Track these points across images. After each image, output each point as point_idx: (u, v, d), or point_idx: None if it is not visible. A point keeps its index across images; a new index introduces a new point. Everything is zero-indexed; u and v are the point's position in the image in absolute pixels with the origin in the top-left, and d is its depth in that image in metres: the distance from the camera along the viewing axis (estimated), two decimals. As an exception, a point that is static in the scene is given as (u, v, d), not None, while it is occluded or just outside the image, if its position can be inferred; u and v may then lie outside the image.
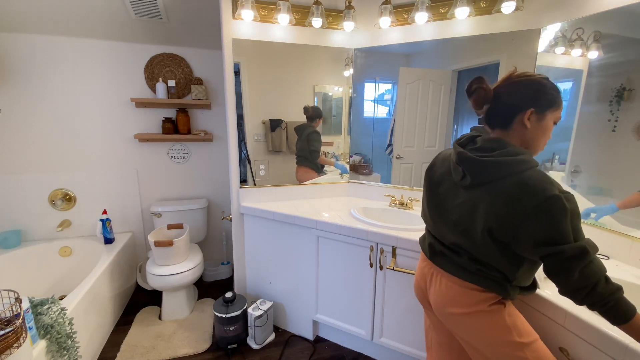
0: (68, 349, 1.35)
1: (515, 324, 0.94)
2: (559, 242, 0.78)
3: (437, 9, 1.72)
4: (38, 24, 2.01)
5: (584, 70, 1.37)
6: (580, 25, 1.36)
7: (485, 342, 0.96)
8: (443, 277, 1.02)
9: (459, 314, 0.98)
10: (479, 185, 0.90)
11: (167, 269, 2.00)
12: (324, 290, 1.82)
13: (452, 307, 0.99)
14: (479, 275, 0.94)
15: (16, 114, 2.16)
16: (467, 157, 0.92)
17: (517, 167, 0.85)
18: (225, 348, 1.86)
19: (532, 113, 0.89)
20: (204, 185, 2.71)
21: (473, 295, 0.95)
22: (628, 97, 1.22)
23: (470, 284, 0.95)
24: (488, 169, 0.88)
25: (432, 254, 1.07)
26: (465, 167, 0.93)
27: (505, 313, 0.94)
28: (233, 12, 1.78)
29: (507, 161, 0.86)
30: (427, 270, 1.10)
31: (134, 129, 2.43)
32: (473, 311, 0.95)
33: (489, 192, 0.88)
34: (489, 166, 0.88)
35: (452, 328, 1.04)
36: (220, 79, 2.51)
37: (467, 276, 0.96)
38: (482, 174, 0.89)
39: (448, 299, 1.00)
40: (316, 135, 2.11)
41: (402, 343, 1.62)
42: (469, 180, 0.92)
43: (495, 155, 0.88)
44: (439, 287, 1.03)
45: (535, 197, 0.79)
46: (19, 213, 2.25)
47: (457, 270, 0.98)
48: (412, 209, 1.87)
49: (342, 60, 2.04)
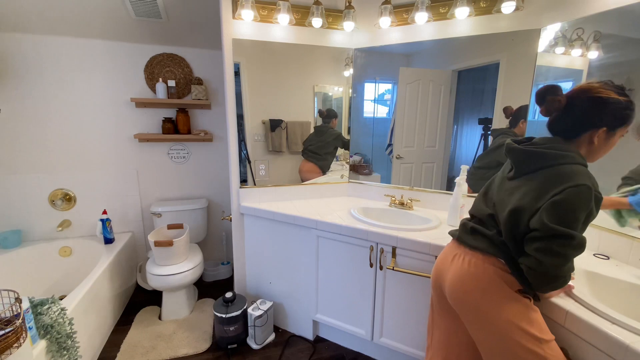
0: (68, 349, 1.35)
1: (538, 319, 0.94)
2: (571, 227, 0.81)
3: (437, 9, 1.72)
4: (38, 24, 2.01)
5: (584, 70, 1.37)
6: (580, 25, 1.36)
7: (502, 328, 0.94)
8: (467, 255, 1.03)
9: (480, 290, 0.97)
10: (523, 174, 0.94)
11: (167, 269, 2.00)
12: (324, 290, 1.82)
13: (473, 283, 0.98)
14: (502, 249, 0.96)
15: (16, 114, 2.16)
16: (514, 147, 0.97)
17: (561, 160, 0.88)
18: (225, 348, 1.86)
19: (603, 131, 0.89)
20: (204, 185, 2.71)
21: (498, 272, 0.96)
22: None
23: (496, 260, 0.97)
24: (532, 159, 0.92)
25: (463, 233, 1.09)
26: (512, 157, 0.98)
27: (531, 305, 0.95)
28: (233, 12, 1.78)
29: (552, 154, 0.89)
30: (449, 253, 1.11)
31: (134, 129, 2.43)
32: (497, 287, 0.95)
33: (530, 179, 0.91)
34: (533, 156, 0.92)
35: (465, 310, 1.02)
36: (220, 79, 2.51)
37: (493, 249, 0.97)
38: (526, 163, 0.94)
39: (470, 275, 0.99)
40: (344, 138, 2.16)
41: (402, 343, 1.62)
42: (514, 170, 0.97)
43: (542, 147, 0.91)
44: (461, 264, 1.03)
45: (570, 181, 0.83)
46: (19, 213, 2.25)
47: (485, 244, 1.00)
48: (412, 209, 1.87)
49: (342, 60, 2.04)
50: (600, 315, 0.90)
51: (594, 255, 1.29)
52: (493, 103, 1.69)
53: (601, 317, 0.89)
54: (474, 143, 1.78)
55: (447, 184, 1.89)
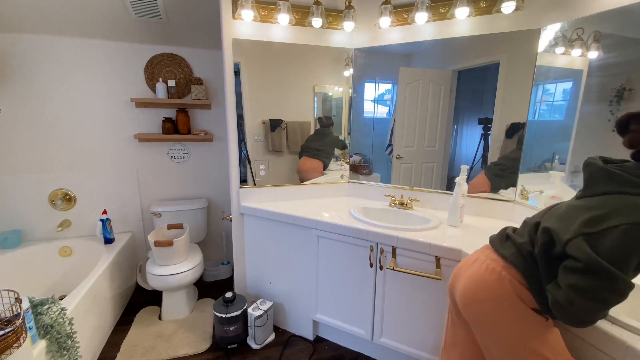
0: (68, 349, 1.35)
1: (552, 340, 0.87)
2: (619, 267, 0.72)
3: (437, 9, 1.72)
4: (38, 24, 2.01)
5: (584, 70, 1.37)
6: (580, 25, 1.36)
7: (511, 345, 0.89)
8: (487, 260, 0.97)
9: (491, 299, 0.91)
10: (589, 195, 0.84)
11: (167, 269, 2.00)
12: (324, 290, 1.82)
13: (485, 289, 0.92)
14: (528, 262, 0.88)
15: (16, 114, 2.16)
16: (591, 162, 0.87)
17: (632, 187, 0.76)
18: (225, 348, 1.86)
19: None
20: (204, 185, 2.71)
21: (513, 283, 0.89)
22: (628, 97, 1.22)
23: (514, 271, 0.89)
24: (603, 179, 0.81)
25: (497, 237, 1.02)
26: (585, 173, 0.88)
27: (544, 323, 0.88)
28: (233, 12, 1.78)
29: (629, 179, 0.77)
30: (472, 256, 1.04)
31: (134, 129, 2.43)
32: (510, 299, 0.88)
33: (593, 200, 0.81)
34: (606, 175, 0.81)
35: (475, 319, 0.96)
36: (220, 79, 2.51)
37: (515, 257, 0.90)
38: (596, 182, 0.83)
39: (483, 280, 0.93)
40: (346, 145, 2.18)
41: (402, 343, 1.62)
42: (583, 189, 0.87)
43: (622, 169, 0.80)
44: (477, 268, 0.97)
45: (634, 216, 0.72)
46: (19, 213, 2.25)
47: (510, 250, 0.93)
48: (412, 209, 1.87)
49: (342, 60, 2.04)
50: (600, 315, 0.90)
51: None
52: (493, 103, 1.69)
53: (601, 317, 0.89)
54: (474, 143, 1.78)
55: (447, 184, 1.89)
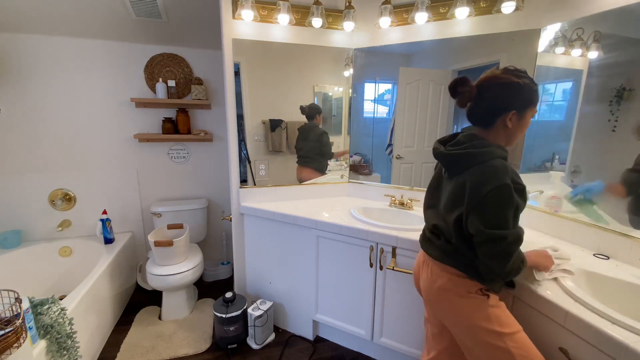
0: (68, 349, 1.35)
1: (497, 314, 0.98)
2: (503, 226, 0.88)
3: (437, 9, 1.72)
4: (38, 24, 2.01)
5: (584, 70, 1.37)
6: (580, 25, 1.36)
7: (465, 328, 1.01)
8: (430, 263, 1.10)
9: (441, 297, 1.05)
10: (454, 176, 0.99)
11: (167, 269, 2.00)
12: (324, 290, 1.82)
13: (435, 292, 1.06)
14: (454, 257, 1.02)
15: (16, 114, 2.16)
16: (439, 152, 1.03)
17: (481, 158, 0.93)
18: (225, 348, 1.86)
19: (513, 114, 0.95)
20: (204, 185, 2.71)
21: (453, 280, 1.02)
22: (628, 97, 1.22)
23: (450, 268, 1.02)
24: (457, 161, 0.98)
25: (422, 241, 1.17)
26: (441, 162, 1.05)
27: (487, 303, 0.99)
28: (233, 12, 1.78)
29: (473, 153, 0.95)
30: (420, 260, 1.19)
31: (134, 129, 2.43)
32: (453, 294, 1.02)
33: (460, 180, 0.96)
34: (457, 158, 0.97)
35: (438, 313, 1.10)
36: (220, 79, 2.51)
37: (445, 258, 1.04)
38: (453, 166, 1.00)
39: (432, 283, 1.07)
40: (327, 137, 2.14)
41: (402, 343, 1.62)
42: (447, 173, 1.03)
43: (462, 148, 0.97)
44: (427, 273, 1.11)
45: (490, 184, 0.88)
46: (19, 213, 2.25)
47: (438, 253, 1.06)
48: (412, 209, 1.87)
49: (342, 60, 2.04)
50: (600, 315, 0.90)
51: (594, 255, 1.29)
52: (493, 103, 1.68)
53: (601, 317, 0.89)
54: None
55: (447, 184, 1.88)
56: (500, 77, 0.95)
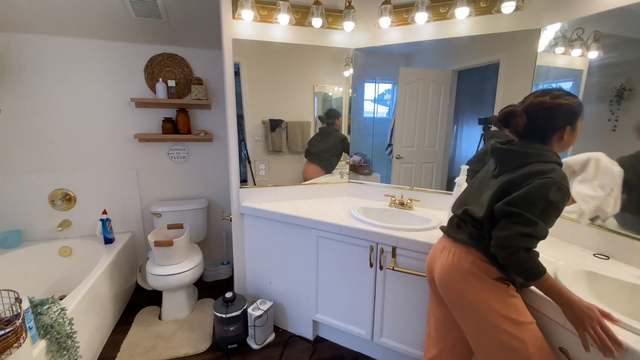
0: (68, 349, 1.35)
1: (515, 302, 1.00)
2: (522, 208, 0.91)
3: (437, 9, 1.72)
4: (38, 24, 2.01)
5: (584, 70, 1.37)
6: (580, 25, 1.36)
7: (481, 314, 1.02)
8: (452, 247, 1.11)
9: (463, 280, 1.05)
10: (505, 172, 1.02)
11: (167, 269, 2.00)
12: (324, 290, 1.82)
13: (455, 273, 1.07)
14: (480, 241, 1.04)
15: (16, 114, 2.16)
16: (497, 147, 1.06)
17: (539, 158, 0.97)
18: (225, 348, 1.86)
19: (567, 129, 1.01)
20: (204, 185, 2.71)
21: (476, 262, 1.04)
22: (628, 97, 1.22)
23: (475, 251, 1.04)
24: (513, 157, 1.02)
25: (450, 227, 1.18)
26: (496, 157, 1.08)
27: (507, 290, 1.01)
28: (233, 12, 1.78)
29: (531, 152, 0.99)
30: (438, 247, 1.19)
31: (134, 129, 2.43)
32: (476, 277, 1.03)
33: (509, 177, 0.99)
34: (514, 154, 1.01)
35: (454, 298, 1.09)
36: (220, 79, 2.51)
37: (471, 241, 1.06)
38: (507, 161, 1.03)
39: (453, 266, 1.08)
40: (348, 141, 2.16)
41: (402, 343, 1.62)
42: (498, 168, 1.06)
43: (524, 147, 1.01)
44: (447, 257, 1.11)
45: (536, 176, 0.92)
46: (19, 213, 2.25)
47: (465, 237, 1.08)
48: (412, 209, 1.87)
49: (342, 60, 2.04)
50: (600, 315, 0.90)
51: (594, 255, 1.29)
52: (493, 103, 1.69)
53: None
54: (474, 143, 1.78)
55: (447, 184, 1.88)
56: (547, 102, 0.99)
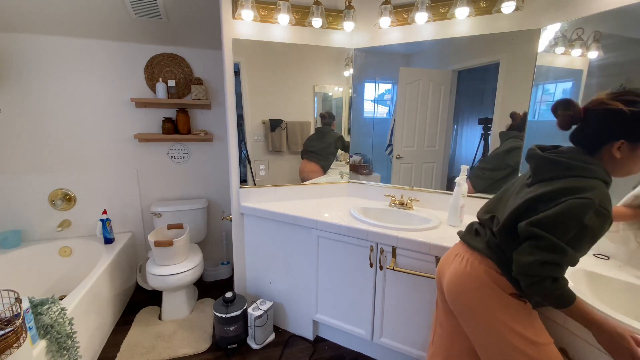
0: (68, 349, 1.35)
1: (532, 321, 0.94)
2: (550, 231, 0.79)
3: (437, 9, 1.72)
4: (38, 24, 2.01)
5: (584, 70, 1.37)
6: (580, 25, 1.36)
7: (493, 329, 0.94)
8: (466, 254, 1.05)
9: (472, 290, 0.98)
10: (540, 182, 0.90)
11: (167, 269, 2.00)
12: (324, 290, 1.82)
13: (466, 283, 1.00)
14: (496, 252, 0.96)
15: (16, 114, 2.16)
16: (535, 154, 0.94)
17: (580, 172, 0.84)
18: (225, 348, 1.86)
19: (622, 144, 0.84)
20: (204, 185, 2.71)
21: (490, 273, 0.96)
22: (628, 97, 1.22)
23: (490, 262, 0.97)
24: (550, 165, 0.89)
25: (467, 233, 1.11)
26: (532, 164, 0.95)
27: (524, 308, 0.94)
28: (233, 12, 1.78)
29: (571, 164, 0.85)
30: (451, 253, 1.13)
31: (134, 129, 2.43)
32: (489, 288, 0.95)
33: (543, 189, 0.87)
34: (552, 163, 0.89)
35: (460, 310, 1.03)
36: (220, 79, 2.51)
37: (487, 250, 0.98)
38: (543, 170, 0.91)
39: (465, 274, 1.01)
40: (344, 139, 2.17)
41: (402, 343, 1.62)
42: (532, 177, 0.94)
43: (565, 156, 0.87)
44: (459, 264, 1.04)
45: (572, 193, 0.80)
46: (19, 213, 2.25)
47: (482, 245, 1.01)
48: (412, 209, 1.87)
49: (342, 60, 2.04)
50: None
51: (594, 255, 1.29)
52: (493, 103, 1.69)
53: (601, 317, 0.89)
54: (474, 143, 1.78)
55: (447, 184, 1.89)
56: (606, 102, 0.84)
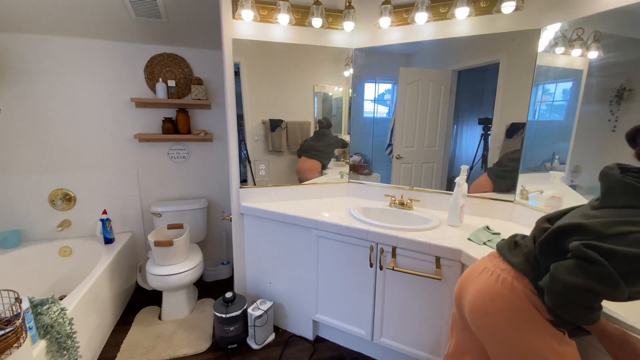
0: (68, 349, 1.35)
1: (570, 355, 0.82)
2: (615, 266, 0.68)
3: (437, 9, 1.72)
4: (38, 24, 2.01)
5: (584, 70, 1.37)
6: (580, 25, 1.36)
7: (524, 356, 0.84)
8: (497, 270, 0.92)
9: (501, 313, 0.86)
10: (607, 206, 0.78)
11: (167, 269, 2.00)
12: (324, 290, 1.82)
13: (495, 303, 0.88)
14: (533, 268, 0.85)
15: (16, 114, 2.16)
16: (609, 173, 0.82)
17: None
18: (225, 348, 1.86)
19: None
20: (204, 185, 2.71)
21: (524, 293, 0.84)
22: (628, 97, 1.22)
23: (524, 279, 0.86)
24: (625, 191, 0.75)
25: (505, 244, 0.98)
26: (603, 183, 0.83)
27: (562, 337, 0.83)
28: (233, 12, 1.78)
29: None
30: (479, 265, 1.00)
31: (134, 129, 2.43)
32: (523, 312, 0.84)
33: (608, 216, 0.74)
34: (628, 188, 0.74)
35: (485, 332, 0.92)
36: (220, 79, 2.51)
37: (523, 264, 0.87)
38: (615, 193, 0.77)
39: (494, 293, 0.88)
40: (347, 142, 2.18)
41: (402, 343, 1.62)
42: (600, 199, 0.81)
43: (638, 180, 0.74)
44: (487, 280, 0.92)
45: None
46: (19, 213, 2.25)
47: (518, 258, 0.89)
48: (412, 209, 1.87)
49: (342, 60, 2.04)
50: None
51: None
52: (493, 103, 1.69)
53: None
54: (474, 143, 1.78)
55: (447, 184, 1.89)
56: None
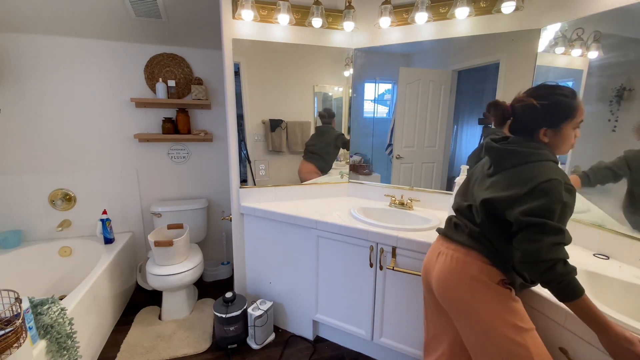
0: (68, 349, 1.35)
1: (518, 307, 0.98)
2: (545, 217, 0.85)
3: (437, 9, 1.72)
4: (38, 24, 2.01)
5: (584, 70, 1.37)
6: (580, 25, 1.36)
7: (483, 321, 0.98)
8: (450, 251, 1.08)
9: (462, 286, 1.01)
10: (501, 171, 1.00)
11: (167, 269, 2.00)
12: (324, 290, 1.82)
13: (455, 280, 1.03)
14: (480, 241, 1.01)
15: (16, 114, 2.16)
16: (492, 146, 1.03)
17: (534, 157, 0.94)
18: (225, 348, 1.86)
19: (546, 131, 0.97)
20: (204, 185, 2.71)
21: (477, 265, 1.00)
22: (628, 97, 1.22)
23: (476, 253, 1.01)
24: (508, 157, 0.98)
25: (448, 228, 1.15)
26: (490, 156, 1.04)
27: (511, 295, 0.98)
28: (233, 12, 1.78)
29: (526, 152, 0.96)
30: (435, 250, 1.15)
31: (134, 129, 2.43)
32: (481, 283, 0.99)
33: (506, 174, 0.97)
34: (509, 154, 0.98)
35: (451, 307, 1.06)
36: (220, 79, 2.51)
37: (471, 242, 1.03)
38: (503, 161, 1.00)
39: (452, 272, 1.04)
40: (344, 137, 2.16)
41: (402, 343, 1.62)
42: (493, 168, 1.03)
43: (516, 146, 0.98)
44: (444, 262, 1.07)
45: (541, 177, 0.88)
46: (19, 213, 2.25)
47: (465, 237, 1.05)
48: (412, 209, 1.87)
49: (342, 60, 2.04)
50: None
51: (594, 255, 1.29)
52: (493, 103, 1.69)
53: (601, 317, 0.89)
54: (474, 143, 1.78)
55: (447, 184, 1.89)
56: (520, 99, 0.98)
